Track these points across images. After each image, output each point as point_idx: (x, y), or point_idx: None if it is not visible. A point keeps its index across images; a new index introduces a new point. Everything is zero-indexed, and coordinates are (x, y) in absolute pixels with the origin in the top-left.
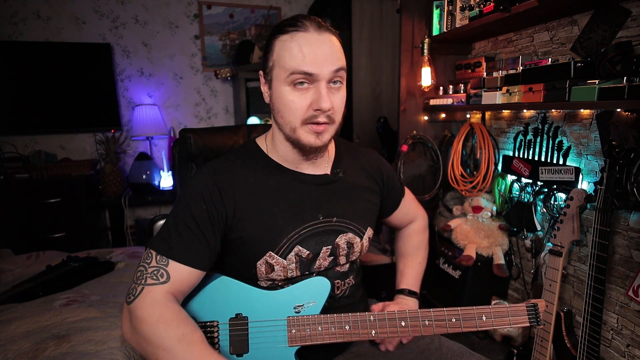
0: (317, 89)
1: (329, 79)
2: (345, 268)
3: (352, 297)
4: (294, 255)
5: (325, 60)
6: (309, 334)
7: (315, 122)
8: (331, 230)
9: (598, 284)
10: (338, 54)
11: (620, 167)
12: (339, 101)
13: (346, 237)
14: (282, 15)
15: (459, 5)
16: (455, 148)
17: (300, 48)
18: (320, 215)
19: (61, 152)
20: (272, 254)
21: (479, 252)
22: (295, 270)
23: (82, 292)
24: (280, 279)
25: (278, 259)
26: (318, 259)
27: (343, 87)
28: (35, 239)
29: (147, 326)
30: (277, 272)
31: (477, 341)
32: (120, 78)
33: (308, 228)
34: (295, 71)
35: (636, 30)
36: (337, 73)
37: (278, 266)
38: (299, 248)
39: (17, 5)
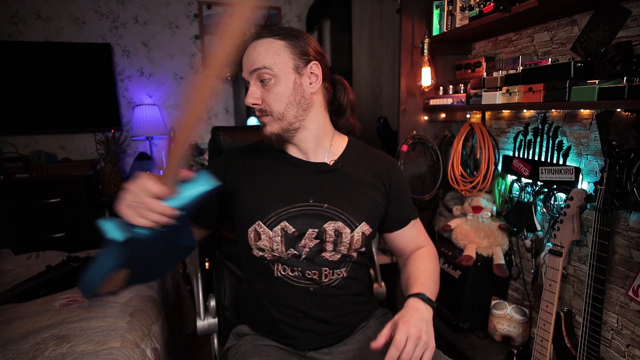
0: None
1: (254, 79)
2: (335, 257)
3: (344, 290)
4: (280, 229)
5: (246, 64)
6: None
7: (256, 115)
8: (320, 214)
9: (598, 284)
10: (258, 56)
11: (620, 167)
12: (270, 94)
13: (335, 225)
14: (282, 15)
15: (459, 5)
16: (455, 148)
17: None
18: (311, 198)
19: (61, 152)
20: (260, 223)
21: (479, 252)
22: (281, 245)
23: None
24: (267, 250)
25: (265, 229)
26: (304, 238)
27: (277, 82)
28: (35, 239)
29: None
30: (263, 241)
31: (477, 341)
32: (120, 78)
33: (297, 207)
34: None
35: (636, 30)
36: (255, 72)
37: (264, 235)
38: (285, 224)
39: (17, 5)
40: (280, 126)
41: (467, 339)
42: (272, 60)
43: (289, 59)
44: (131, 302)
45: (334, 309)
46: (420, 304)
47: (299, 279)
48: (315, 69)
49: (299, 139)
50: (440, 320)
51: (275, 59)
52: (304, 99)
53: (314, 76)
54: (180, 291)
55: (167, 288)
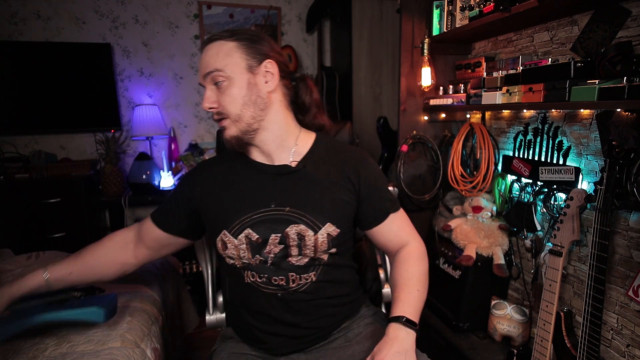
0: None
1: (208, 83)
2: (302, 262)
3: (314, 294)
4: (244, 236)
5: (200, 70)
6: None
7: (214, 119)
8: (282, 219)
9: (598, 284)
10: (209, 60)
11: (620, 167)
12: (225, 97)
13: (297, 228)
14: (282, 15)
15: (459, 5)
16: (455, 148)
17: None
18: (273, 203)
19: (61, 152)
20: (225, 232)
21: (479, 252)
22: (247, 252)
23: None
24: (236, 258)
25: (230, 238)
26: (268, 245)
27: (232, 84)
28: (35, 239)
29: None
30: (230, 250)
31: (476, 341)
32: (120, 78)
33: (260, 214)
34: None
35: (636, 30)
36: (209, 76)
37: (230, 244)
38: (249, 231)
39: (17, 5)
40: (238, 128)
41: (467, 339)
42: (224, 62)
43: (241, 59)
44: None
45: (305, 314)
46: (400, 331)
47: (267, 284)
48: (270, 67)
49: (260, 140)
50: (440, 320)
51: (227, 60)
52: (260, 99)
53: (270, 74)
54: (180, 291)
55: (167, 288)
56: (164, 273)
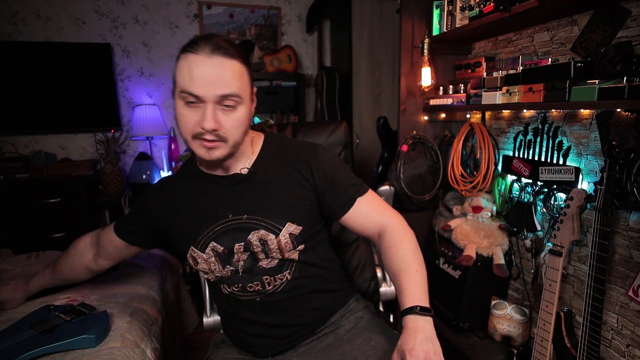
0: (203, 109)
1: (216, 101)
2: (272, 264)
3: (294, 291)
4: (210, 250)
5: (211, 84)
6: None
7: (203, 138)
8: (242, 227)
9: (598, 284)
10: (228, 80)
11: (620, 167)
12: (232, 121)
13: (258, 234)
14: (282, 15)
15: (459, 5)
16: (455, 148)
17: (189, 69)
18: (230, 213)
19: (61, 152)
20: (193, 248)
21: (479, 252)
22: (218, 264)
23: (82, 292)
24: (209, 272)
25: (198, 253)
26: (235, 254)
27: (239, 109)
28: (35, 239)
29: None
30: (201, 265)
31: (476, 341)
32: (120, 78)
33: (220, 226)
34: (184, 91)
35: (636, 30)
36: (226, 99)
37: (200, 259)
38: (213, 244)
39: (17, 5)
40: (229, 152)
41: (467, 339)
42: (241, 85)
43: (248, 86)
44: (131, 302)
45: (288, 312)
46: (418, 321)
47: (243, 292)
48: (254, 95)
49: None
50: (440, 320)
51: (241, 85)
52: (248, 125)
53: (255, 100)
54: (180, 291)
55: (167, 288)
56: (164, 273)
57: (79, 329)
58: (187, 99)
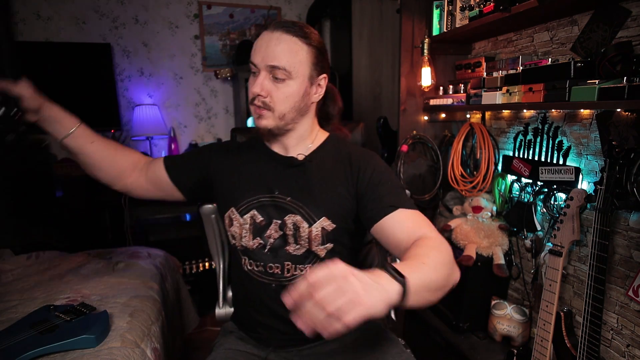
0: (257, 77)
1: (268, 71)
2: (298, 252)
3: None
4: (249, 217)
5: (263, 53)
6: None
7: (254, 104)
8: (283, 207)
9: (598, 284)
10: (279, 53)
11: (620, 167)
12: (279, 93)
13: (294, 219)
14: (282, 15)
15: (459, 5)
16: (455, 148)
17: (257, 41)
18: (277, 190)
19: (61, 152)
20: (233, 210)
21: (479, 252)
22: (249, 234)
23: (82, 292)
24: (237, 238)
25: (237, 216)
26: (269, 229)
27: (288, 84)
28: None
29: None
30: (234, 228)
31: (476, 341)
32: (120, 78)
33: (264, 198)
34: (250, 60)
35: (636, 30)
36: (275, 70)
37: (236, 222)
38: (254, 212)
39: (17, 5)
40: (276, 124)
41: (467, 339)
42: (293, 63)
43: (308, 67)
44: (131, 302)
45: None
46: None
47: (262, 274)
48: (323, 82)
49: (285, 136)
50: (440, 320)
51: (296, 62)
52: (305, 106)
53: (320, 88)
54: (180, 291)
55: (167, 288)
56: (164, 273)
57: (79, 329)
58: (252, 69)
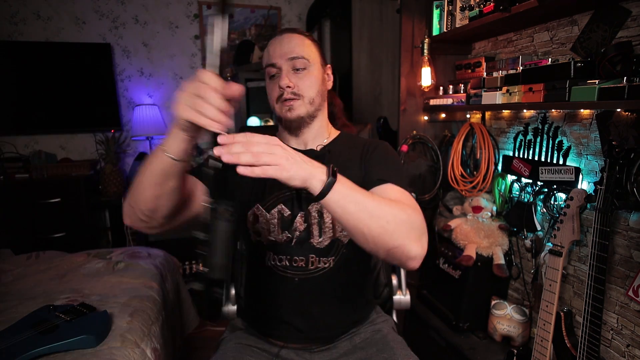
0: (280, 75)
1: (289, 65)
2: (322, 244)
3: (329, 283)
4: (276, 211)
5: (282, 52)
6: None
7: (284, 99)
8: (306, 197)
9: (598, 284)
10: (296, 47)
11: (620, 167)
12: (305, 80)
13: (317, 206)
14: (282, 15)
15: (459, 5)
16: (455, 148)
17: (268, 49)
18: None
19: (61, 152)
20: (259, 206)
21: (479, 252)
22: (277, 228)
23: (83, 292)
24: (264, 234)
25: (263, 212)
26: (295, 222)
27: (311, 71)
28: (35, 239)
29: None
30: (260, 224)
31: (477, 341)
32: (120, 78)
33: (289, 192)
34: (266, 65)
35: (636, 30)
36: (295, 60)
37: (262, 218)
38: (282, 206)
39: (17, 5)
40: (307, 110)
41: (467, 339)
42: (308, 52)
43: (318, 55)
44: (131, 302)
45: (318, 304)
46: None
47: (287, 268)
48: (329, 71)
49: (309, 127)
50: (440, 320)
51: (310, 52)
52: (324, 91)
53: (329, 77)
54: (180, 291)
55: (167, 288)
56: (164, 273)
57: (79, 329)
58: (269, 73)
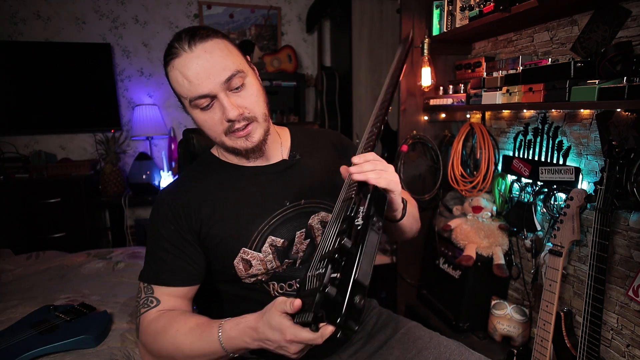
0: (219, 103)
1: (225, 88)
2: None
3: None
4: (268, 246)
5: (210, 76)
6: None
7: (235, 129)
8: (301, 213)
9: (598, 284)
10: (222, 62)
11: (620, 167)
12: (249, 99)
13: (319, 217)
14: (282, 15)
15: (459, 5)
16: (455, 148)
17: (183, 75)
18: (287, 201)
19: (61, 152)
20: (245, 249)
21: (479, 252)
22: (274, 261)
23: (82, 292)
24: (261, 273)
25: (253, 254)
26: (294, 245)
27: (248, 86)
28: (35, 239)
29: (152, 344)
30: (255, 267)
31: (476, 341)
32: (120, 78)
33: (277, 216)
34: (192, 98)
35: (636, 30)
36: (231, 80)
37: (255, 260)
38: (272, 238)
39: (17, 5)
40: (263, 129)
41: (467, 339)
42: (237, 61)
43: (240, 56)
44: (131, 302)
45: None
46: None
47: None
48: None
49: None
50: (440, 320)
51: (236, 58)
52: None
53: (255, 70)
54: None
55: None
56: None
57: (79, 329)
58: (200, 105)
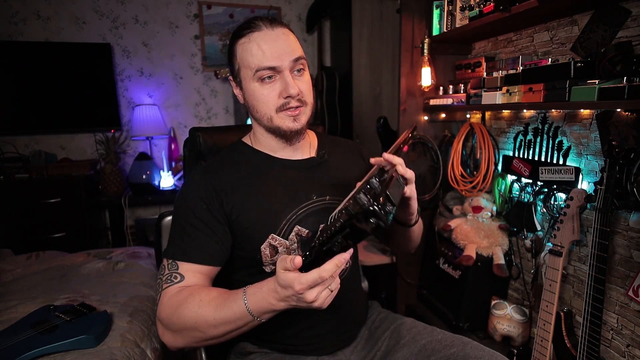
0: (282, 79)
1: (291, 68)
2: None
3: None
4: (294, 234)
5: (283, 53)
6: None
7: (288, 107)
8: (326, 208)
9: (598, 284)
10: (294, 45)
11: (620, 167)
12: (306, 85)
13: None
14: (282, 15)
15: (459, 5)
16: (455, 148)
17: (258, 46)
18: (314, 195)
19: (61, 152)
20: (274, 236)
21: (479, 252)
22: (298, 250)
23: (82, 292)
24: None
25: (280, 240)
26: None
27: (306, 73)
28: (35, 239)
29: (172, 317)
30: (281, 254)
31: (476, 341)
32: (120, 78)
33: (304, 208)
34: (260, 68)
35: (636, 30)
36: (298, 62)
37: (281, 247)
38: (298, 227)
39: (17, 5)
40: (308, 116)
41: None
42: (302, 50)
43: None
44: (131, 302)
45: (347, 303)
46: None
47: None
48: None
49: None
50: (440, 320)
51: (301, 49)
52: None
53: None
54: None
55: None
56: None
57: (79, 329)
58: (263, 76)
